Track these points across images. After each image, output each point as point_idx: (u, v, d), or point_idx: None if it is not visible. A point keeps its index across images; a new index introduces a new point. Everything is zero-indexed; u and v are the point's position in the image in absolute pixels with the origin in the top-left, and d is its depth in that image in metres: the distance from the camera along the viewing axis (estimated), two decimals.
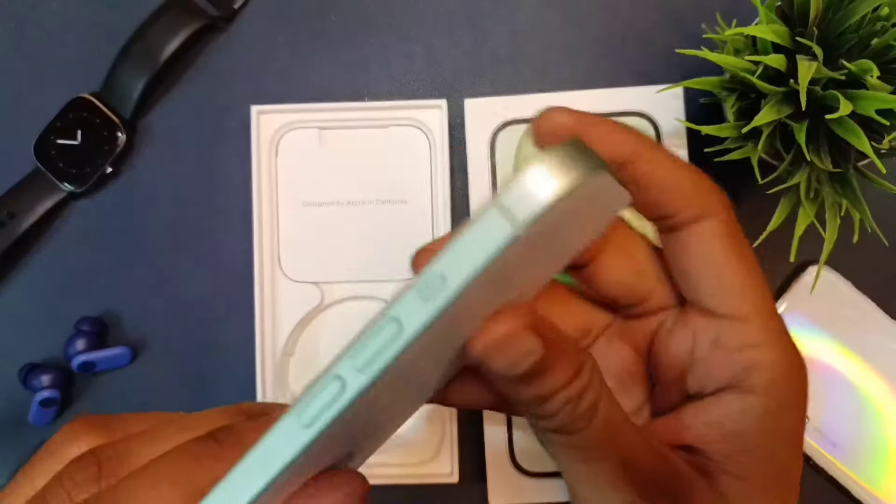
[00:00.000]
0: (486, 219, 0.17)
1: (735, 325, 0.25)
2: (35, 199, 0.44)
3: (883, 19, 0.30)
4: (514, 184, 0.17)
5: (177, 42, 0.43)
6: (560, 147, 0.18)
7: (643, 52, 0.44)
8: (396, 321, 0.18)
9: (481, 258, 0.17)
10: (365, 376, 0.18)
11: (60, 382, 0.42)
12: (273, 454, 0.18)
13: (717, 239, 0.25)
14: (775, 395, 0.24)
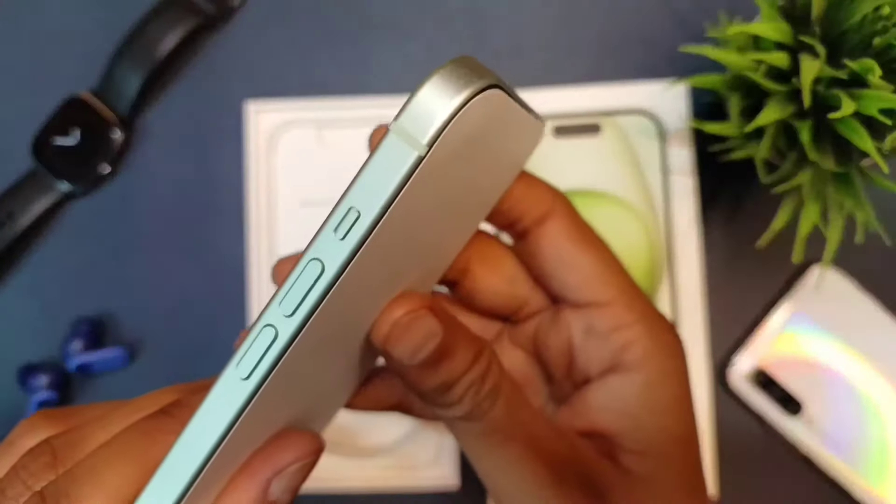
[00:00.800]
0: (387, 145, 0.17)
1: (601, 310, 0.26)
2: (32, 199, 0.44)
3: (884, 19, 0.30)
4: (410, 105, 0.17)
5: (174, 40, 0.43)
6: (452, 63, 0.18)
7: (645, 50, 0.44)
8: (318, 261, 0.18)
9: (391, 185, 0.17)
10: (294, 320, 0.18)
11: (58, 384, 0.42)
12: (218, 411, 0.18)
13: (562, 236, 0.26)
14: (652, 367, 0.25)
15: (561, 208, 0.26)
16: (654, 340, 0.26)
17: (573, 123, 0.43)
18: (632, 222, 0.42)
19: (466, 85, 0.17)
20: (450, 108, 0.17)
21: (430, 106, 0.17)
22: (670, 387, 0.26)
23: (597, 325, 0.26)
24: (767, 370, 0.41)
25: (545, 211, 0.26)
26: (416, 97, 0.17)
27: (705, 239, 0.42)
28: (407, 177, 0.17)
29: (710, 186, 0.43)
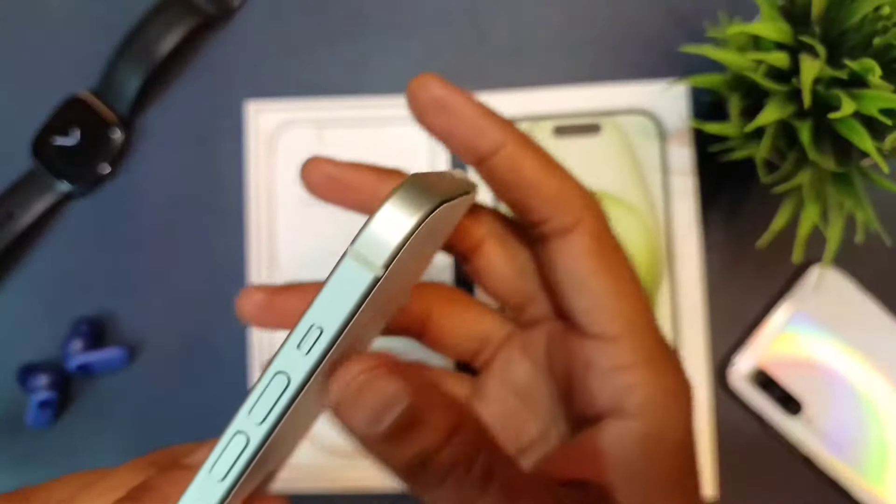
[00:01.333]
0: (345, 268, 0.19)
1: (605, 345, 0.24)
2: (32, 199, 0.44)
3: (884, 19, 0.30)
4: (365, 232, 0.19)
5: (174, 40, 0.43)
6: (402, 188, 0.19)
7: (645, 50, 0.44)
8: (284, 374, 0.19)
9: (349, 305, 0.19)
10: (264, 427, 0.20)
11: (58, 384, 0.42)
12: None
13: (582, 253, 0.24)
14: (651, 418, 0.23)
15: (589, 220, 0.24)
16: (658, 387, 0.23)
17: (573, 123, 0.43)
18: (632, 222, 0.42)
19: (417, 210, 0.19)
20: (402, 234, 0.19)
21: (384, 233, 0.19)
22: (669, 442, 0.23)
23: (598, 361, 0.24)
24: (767, 370, 0.41)
25: (573, 221, 0.24)
26: (370, 226, 0.19)
27: (705, 239, 0.42)
28: (364, 297, 0.19)
29: (710, 186, 0.43)
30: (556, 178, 0.25)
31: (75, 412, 0.43)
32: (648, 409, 0.23)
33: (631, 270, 0.25)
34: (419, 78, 0.26)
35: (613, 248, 0.25)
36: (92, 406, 0.43)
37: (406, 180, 0.19)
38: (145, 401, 0.43)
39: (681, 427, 0.24)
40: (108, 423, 0.43)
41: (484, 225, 0.27)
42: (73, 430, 0.43)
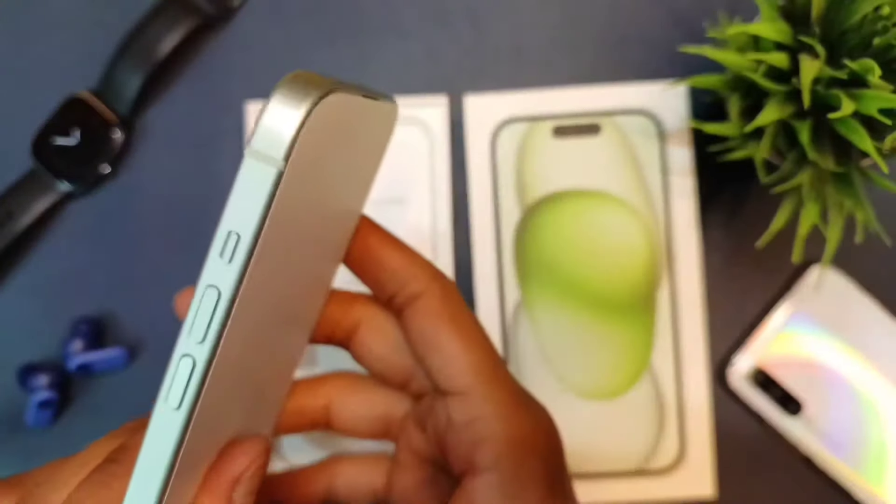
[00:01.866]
0: (246, 168, 0.19)
1: (459, 400, 0.25)
2: (32, 199, 0.43)
3: (884, 19, 0.30)
4: (258, 127, 0.18)
5: (174, 40, 0.43)
6: (285, 81, 0.18)
7: (645, 50, 0.44)
8: (214, 287, 0.19)
9: (260, 204, 0.18)
10: (206, 345, 0.19)
11: (58, 383, 0.42)
12: (159, 446, 0.20)
13: (431, 315, 0.25)
14: (506, 468, 0.23)
15: (437, 288, 0.26)
16: (511, 436, 0.24)
17: (573, 123, 0.43)
18: (631, 222, 0.42)
19: (305, 97, 0.18)
20: (295, 123, 0.18)
21: (276, 124, 0.18)
22: (530, 490, 0.24)
23: (454, 417, 0.25)
24: (767, 370, 0.41)
25: (420, 289, 0.26)
26: (261, 120, 0.18)
27: (705, 239, 0.42)
28: (272, 193, 0.18)
29: (709, 186, 0.43)
30: (403, 255, 0.26)
31: (75, 412, 0.43)
32: (503, 461, 0.24)
33: (479, 328, 0.26)
34: None
35: (460, 310, 0.26)
36: (92, 406, 0.43)
37: (293, 75, 0.19)
38: (145, 401, 0.43)
39: (540, 479, 0.24)
40: (109, 423, 0.43)
41: (357, 311, 0.28)
42: (73, 429, 0.43)
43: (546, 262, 0.42)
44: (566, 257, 0.42)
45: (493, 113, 0.43)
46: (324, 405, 0.30)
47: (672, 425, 0.41)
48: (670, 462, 0.41)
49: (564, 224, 0.42)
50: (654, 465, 0.41)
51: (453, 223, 0.43)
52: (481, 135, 0.43)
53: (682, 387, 0.41)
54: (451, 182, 0.43)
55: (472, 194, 0.43)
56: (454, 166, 0.43)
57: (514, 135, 0.43)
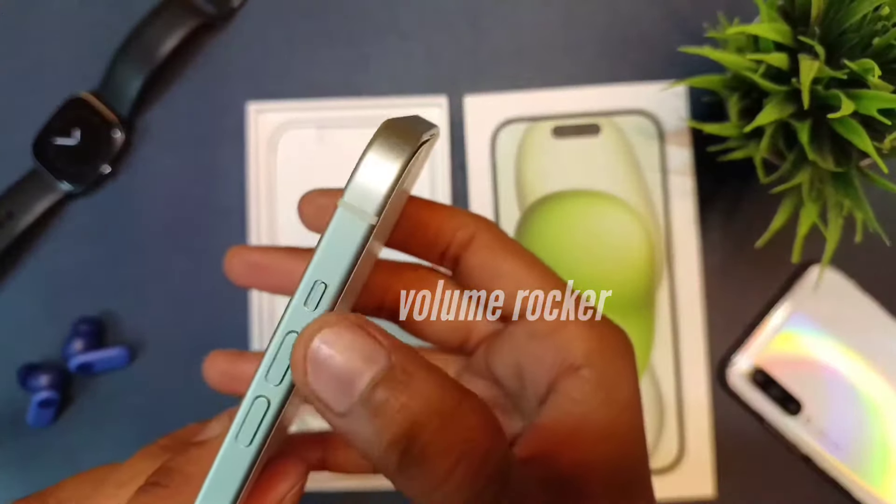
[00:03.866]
0: (339, 221, 0.19)
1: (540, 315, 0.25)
2: (33, 199, 0.44)
3: (884, 19, 0.30)
4: (353, 182, 0.19)
5: (175, 40, 0.43)
6: (381, 136, 0.19)
7: (645, 50, 0.44)
8: (295, 333, 0.20)
9: (349, 256, 0.19)
10: (283, 388, 0.20)
11: (59, 383, 0.42)
12: (226, 479, 0.20)
13: (486, 250, 0.26)
14: (598, 363, 0.24)
15: (485, 227, 0.26)
16: (598, 338, 0.24)
17: (573, 124, 0.43)
18: (631, 222, 0.42)
19: (399, 155, 0.19)
20: (390, 180, 0.19)
21: (371, 181, 0.19)
22: (623, 386, 0.24)
23: (536, 330, 0.25)
24: (767, 370, 0.41)
25: (471, 232, 0.26)
26: (356, 175, 0.19)
27: (704, 239, 0.42)
28: (362, 246, 0.19)
29: (709, 186, 0.43)
30: (443, 210, 0.27)
31: (76, 412, 0.43)
32: (595, 360, 0.24)
33: (533, 254, 0.26)
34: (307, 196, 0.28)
35: (512, 242, 0.27)
36: (92, 405, 0.43)
37: (382, 127, 0.20)
38: (146, 400, 0.43)
39: (629, 380, 0.24)
40: (109, 422, 0.43)
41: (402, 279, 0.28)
42: (73, 429, 0.43)
43: (546, 262, 0.42)
44: (566, 257, 0.42)
45: (492, 113, 0.43)
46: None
47: (672, 425, 0.41)
48: (670, 461, 0.41)
49: (564, 224, 0.42)
50: (654, 465, 0.41)
51: None
52: (481, 135, 0.43)
53: (681, 386, 0.41)
54: (451, 182, 0.43)
55: (471, 194, 0.43)
56: (454, 166, 0.43)
57: (513, 135, 0.43)
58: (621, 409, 0.24)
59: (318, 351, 0.18)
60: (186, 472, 0.22)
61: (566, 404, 0.24)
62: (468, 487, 0.18)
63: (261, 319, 0.43)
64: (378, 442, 0.18)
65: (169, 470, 0.22)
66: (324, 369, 0.18)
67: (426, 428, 0.18)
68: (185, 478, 0.22)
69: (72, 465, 0.43)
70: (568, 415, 0.24)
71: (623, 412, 0.24)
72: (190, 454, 0.23)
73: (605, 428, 0.23)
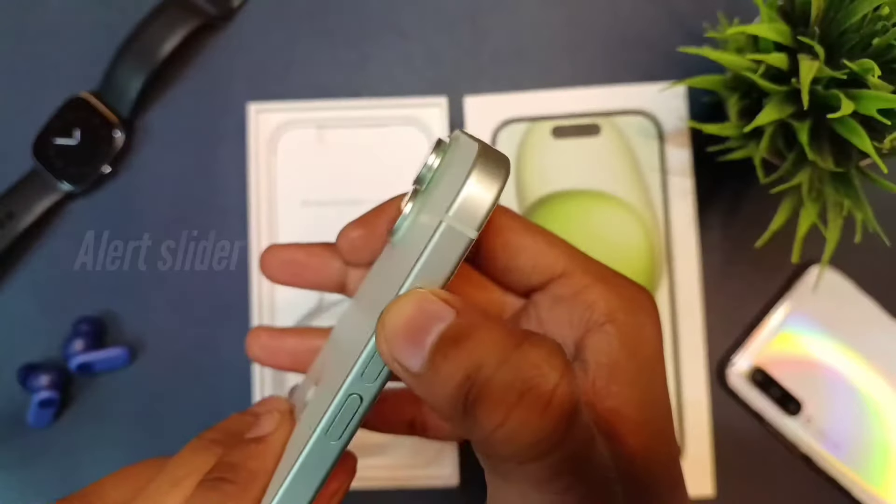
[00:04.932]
0: (445, 235, 0.21)
1: (559, 281, 0.26)
2: (33, 199, 0.44)
3: (884, 19, 0.30)
4: (459, 200, 0.20)
5: (175, 41, 0.43)
6: (482, 158, 0.21)
7: (644, 50, 0.44)
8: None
9: (451, 266, 0.21)
10: (376, 384, 0.21)
11: (59, 383, 0.42)
12: (313, 471, 0.21)
13: (508, 228, 0.27)
14: (623, 321, 0.25)
15: (503, 210, 0.27)
16: (619, 296, 0.25)
17: (573, 124, 0.43)
18: (631, 222, 0.42)
19: (496, 178, 0.21)
20: (490, 199, 0.21)
21: (474, 202, 0.21)
22: (646, 344, 0.25)
23: (561, 293, 0.26)
24: (766, 370, 0.41)
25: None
26: (460, 195, 0.20)
27: (704, 239, 0.43)
28: (461, 257, 0.21)
29: (708, 187, 0.43)
30: None
31: (76, 412, 0.43)
32: (618, 315, 0.25)
33: (555, 235, 0.27)
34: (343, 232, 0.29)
35: (531, 223, 0.27)
36: (93, 405, 0.43)
37: (482, 150, 0.21)
38: (146, 400, 0.43)
39: (652, 333, 0.25)
40: (109, 422, 0.43)
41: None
42: (73, 429, 0.43)
43: None
44: None
45: (492, 113, 0.43)
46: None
47: None
48: None
49: (564, 224, 0.42)
50: None
51: None
52: (481, 135, 0.43)
53: (681, 386, 0.41)
54: None
55: None
56: None
57: (513, 135, 0.43)
58: (646, 358, 0.25)
59: (393, 318, 0.20)
60: (250, 468, 0.22)
61: (595, 358, 0.24)
62: (531, 426, 0.19)
63: (261, 320, 0.43)
64: (447, 392, 0.19)
65: (232, 465, 0.22)
66: (399, 332, 0.20)
67: (486, 368, 0.19)
68: (250, 474, 0.22)
69: (72, 465, 0.43)
70: (598, 367, 0.24)
71: (648, 361, 0.25)
72: (250, 449, 0.23)
73: (633, 377, 0.24)
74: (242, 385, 0.43)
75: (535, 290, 0.27)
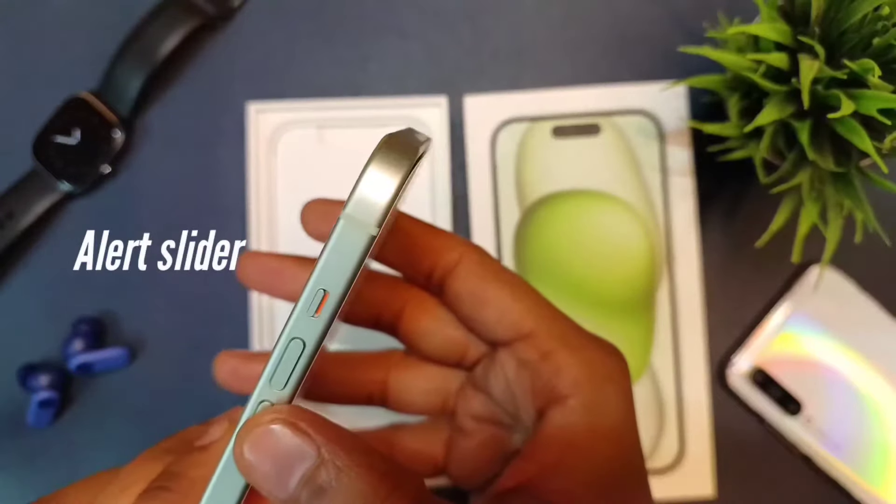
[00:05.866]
0: (342, 232, 0.20)
1: (526, 342, 0.25)
2: (33, 199, 0.44)
3: (884, 19, 0.30)
4: (354, 195, 0.20)
5: (175, 40, 0.43)
6: (381, 150, 0.20)
7: (644, 50, 0.44)
8: (299, 340, 0.21)
9: (351, 265, 0.20)
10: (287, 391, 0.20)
11: (59, 383, 0.42)
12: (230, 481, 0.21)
13: (472, 276, 0.26)
14: (587, 392, 0.24)
15: (472, 251, 0.27)
16: (585, 365, 0.25)
17: (572, 124, 0.43)
18: (631, 222, 0.42)
19: (398, 169, 0.20)
20: (390, 193, 0.20)
21: (372, 194, 0.20)
22: (611, 413, 0.24)
23: (525, 357, 0.25)
24: (767, 370, 0.41)
25: (457, 256, 0.26)
26: (357, 188, 0.20)
27: (704, 239, 0.42)
28: (364, 255, 0.20)
29: (709, 187, 0.43)
30: (430, 231, 0.27)
31: (76, 412, 0.43)
32: (580, 386, 0.24)
33: (521, 280, 0.26)
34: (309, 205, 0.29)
35: (499, 268, 0.27)
36: (92, 406, 0.43)
37: (382, 142, 0.20)
38: (146, 400, 0.43)
39: (618, 406, 0.24)
40: (109, 422, 0.43)
41: (402, 293, 0.29)
42: (73, 429, 0.43)
43: (546, 263, 0.42)
44: (566, 257, 0.42)
45: (492, 113, 0.43)
46: (381, 379, 0.30)
47: (672, 425, 0.41)
48: (670, 461, 0.41)
49: (564, 224, 0.42)
50: (654, 465, 0.41)
51: (453, 223, 0.43)
52: (481, 135, 0.43)
53: (681, 386, 0.41)
54: (451, 182, 0.43)
55: (471, 194, 0.43)
56: (454, 167, 0.43)
57: (513, 135, 0.43)
58: (609, 429, 0.24)
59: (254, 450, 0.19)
60: (191, 476, 0.22)
61: (552, 432, 0.24)
62: None
63: (261, 320, 0.43)
64: None
65: (173, 474, 0.22)
66: (259, 469, 0.19)
67: None
68: (190, 482, 0.22)
69: (72, 465, 0.43)
70: (553, 442, 0.24)
71: (608, 438, 0.24)
72: (193, 458, 0.23)
73: (591, 456, 0.24)
74: None
75: (500, 345, 0.26)
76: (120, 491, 0.23)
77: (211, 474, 0.21)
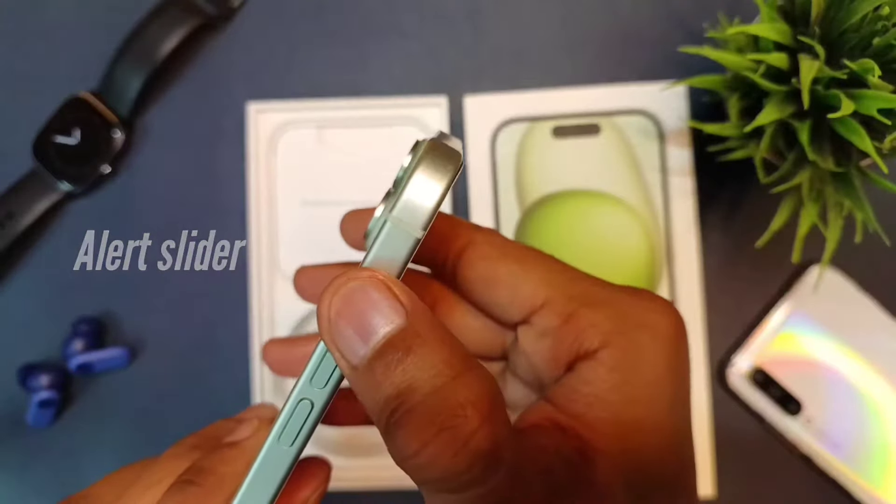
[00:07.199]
0: (389, 233, 0.20)
1: (543, 312, 0.24)
2: (33, 199, 0.44)
3: (884, 19, 0.30)
4: (402, 198, 0.20)
5: (175, 40, 0.43)
6: (428, 156, 0.20)
7: (645, 50, 0.44)
8: None
9: (398, 266, 0.20)
10: (326, 390, 0.21)
11: (59, 383, 0.42)
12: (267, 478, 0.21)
13: (479, 258, 0.25)
14: (617, 346, 0.22)
15: (480, 235, 0.25)
16: (612, 319, 0.22)
17: (573, 124, 0.43)
18: (631, 222, 0.42)
19: (444, 175, 0.20)
20: (435, 198, 0.20)
21: (419, 198, 0.20)
22: (646, 367, 0.22)
23: (546, 326, 0.23)
24: (767, 370, 0.41)
25: (465, 242, 0.25)
26: (404, 192, 0.20)
27: (704, 239, 0.42)
28: (408, 257, 0.20)
29: (708, 186, 0.43)
30: (443, 223, 0.26)
31: (76, 412, 0.43)
32: (613, 337, 0.22)
33: (533, 251, 0.25)
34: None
35: (507, 244, 0.25)
36: (92, 406, 0.43)
37: (428, 148, 0.21)
38: (146, 400, 0.43)
39: (655, 359, 0.22)
40: (109, 422, 0.43)
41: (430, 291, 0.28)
42: (73, 429, 0.43)
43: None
44: (566, 257, 0.41)
45: (492, 113, 0.43)
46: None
47: None
48: None
49: (564, 224, 0.42)
50: None
51: None
52: (481, 135, 0.43)
53: None
54: None
55: (472, 194, 0.43)
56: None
57: (513, 135, 0.43)
58: (646, 382, 0.22)
59: (342, 302, 0.18)
60: (219, 473, 0.22)
61: (576, 384, 0.22)
62: (442, 464, 0.18)
63: (261, 320, 0.43)
64: (375, 399, 0.18)
65: (202, 469, 0.22)
66: (344, 321, 0.18)
67: (416, 393, 0.18)
68: (219, 478, 0.22)
69: (71, 465, 0.43)
70: (576, 394, 0.22)
71: (649, 385, 0.22)
72: (222, 454, 0.23)
73: (620, 408, 0.21)
74: (242, 385, 0.43)
75: (520, 324, 0.25)
76: (146, 488, 0.23)
77: (240, 471, 0.21)
